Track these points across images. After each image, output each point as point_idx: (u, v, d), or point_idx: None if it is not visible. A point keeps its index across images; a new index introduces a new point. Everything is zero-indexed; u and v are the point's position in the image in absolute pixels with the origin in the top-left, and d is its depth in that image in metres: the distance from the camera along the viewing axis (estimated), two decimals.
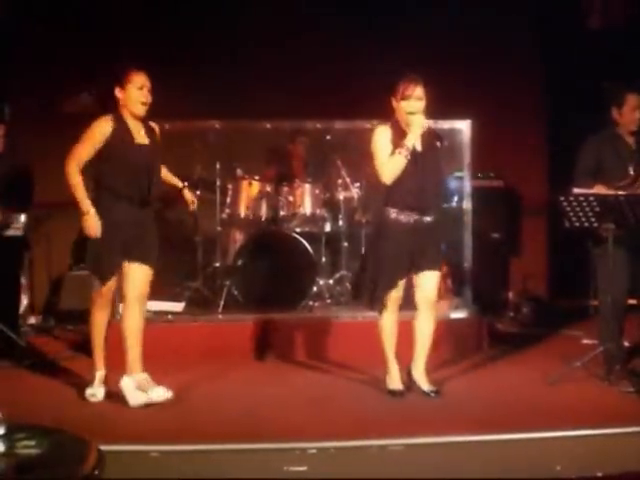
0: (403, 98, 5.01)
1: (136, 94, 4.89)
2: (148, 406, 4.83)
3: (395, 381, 5.16)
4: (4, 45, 7.76)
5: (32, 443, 2.82)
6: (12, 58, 7.87)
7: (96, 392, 4.99)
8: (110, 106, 4.95)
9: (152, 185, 4.89)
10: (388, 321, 5.14)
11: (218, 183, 6.86)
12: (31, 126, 7.34)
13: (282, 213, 6.88)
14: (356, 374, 5.68)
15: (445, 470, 3.90)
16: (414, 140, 4.95)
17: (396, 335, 5.18)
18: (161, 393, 4.86)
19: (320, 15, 7.89)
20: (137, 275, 4.90)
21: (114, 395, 5.07)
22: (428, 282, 5.12)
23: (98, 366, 5.02)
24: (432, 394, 5.07)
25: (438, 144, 5.10)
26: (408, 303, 5.29)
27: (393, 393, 5.11)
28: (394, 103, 5.06)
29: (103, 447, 2.97)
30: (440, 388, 5.17)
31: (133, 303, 4.92)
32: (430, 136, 5.08)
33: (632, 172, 5.26)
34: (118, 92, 4.92)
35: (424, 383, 5.14)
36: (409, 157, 4.92)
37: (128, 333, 4.90)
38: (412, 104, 4.98)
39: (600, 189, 5.22)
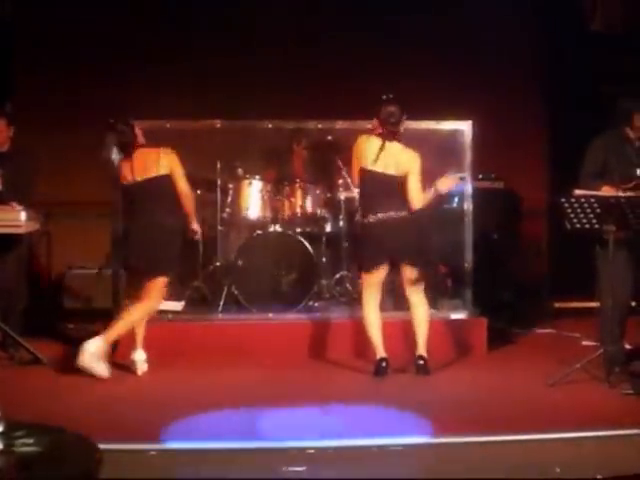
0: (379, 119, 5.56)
1: None
2: (150, 404, 4.87)
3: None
4: (8, 44, 7.77)
5: (31, 441, 2.82)
6: (16, 56, 7.88)
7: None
8: None
9: None
10: (369, 312, 5.64)
11: (219, 182, 6.86)
12: (35, 126, 7.33)
13: (283, 213, 6.88)
14: (354, 374, 5.69)
15: (444, 471, 3.90)
16: None
17: (379, 324, 5.63)
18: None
19: (321, 15, 7.90)
20: None
21: (115, 394, 5.08)
22: (410, 273, 5.59)
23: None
24: (420, 361, 5.53)
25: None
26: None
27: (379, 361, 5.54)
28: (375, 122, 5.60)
29: (102, 446, 2.97)
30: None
31: None
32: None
33: (639, 174, 5.24)
34: None
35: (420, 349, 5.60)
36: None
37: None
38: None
39: (608, 190, 5.19)
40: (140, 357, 5.65)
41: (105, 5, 7.75)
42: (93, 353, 5.33)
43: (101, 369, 5.35)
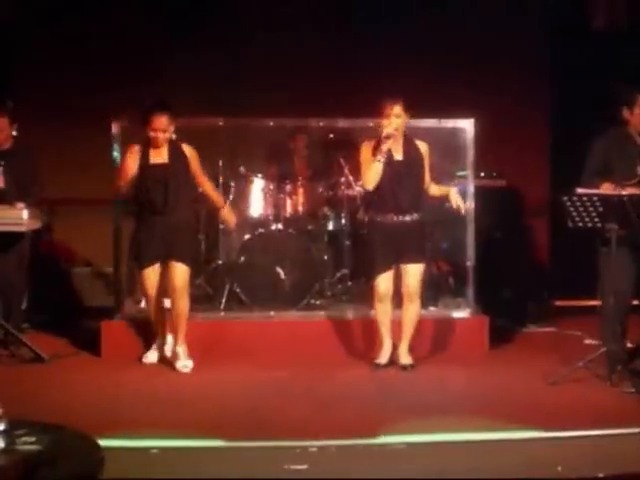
0: (384, 117, 5.52)
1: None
2: (151, 402, 4.86)
3: (382, 356, 5.74)
4: (9, 42, 7.77)
5: (33, 439, 2.82)
6: (17, 54, 7.88)
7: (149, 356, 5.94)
8: None
9: (168, 197, 5.65)
10: (379, 309, 5.75)
11: (221, 181, 6.86)
12: (35, 123, 7.33)
13: (285, 211, 6.87)
14: (357, 372, 5.69)
15: (446, 469, 3.90)
16: (388, 146, 5.51)
17: (389, 321, 5.77)
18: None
19: (323, 13, 7.89)
20: (173, 271, 5.70)
21: (117, 391, 5.09)
22: (411, 276, 5.67)
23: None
24: (407, 367, 5.63)
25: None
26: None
27: (376, 366, 5.69)
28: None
29: (104, 444, 2.98)
30: (416, 363, 5.69)
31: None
32: (410, 145, 5.66)
33: None
34: None
35: (403, 358, 5.70)
36: (383, 160, 5.51)
37: (173, 318, 5.81)
38: (391, 121, 5.51)
39: (607, 187, 5.20)
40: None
41: (105, 5, 7.75)
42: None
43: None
